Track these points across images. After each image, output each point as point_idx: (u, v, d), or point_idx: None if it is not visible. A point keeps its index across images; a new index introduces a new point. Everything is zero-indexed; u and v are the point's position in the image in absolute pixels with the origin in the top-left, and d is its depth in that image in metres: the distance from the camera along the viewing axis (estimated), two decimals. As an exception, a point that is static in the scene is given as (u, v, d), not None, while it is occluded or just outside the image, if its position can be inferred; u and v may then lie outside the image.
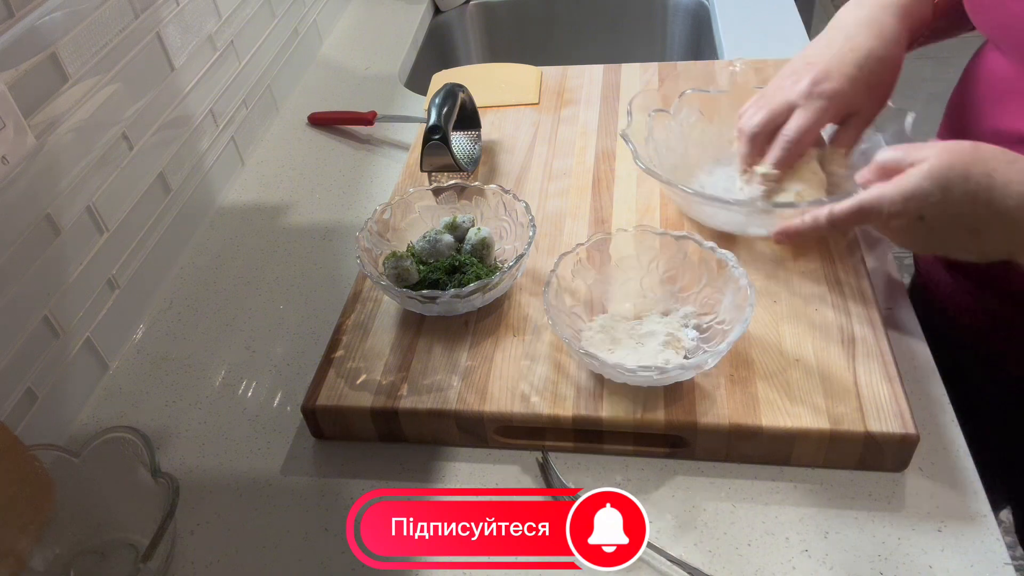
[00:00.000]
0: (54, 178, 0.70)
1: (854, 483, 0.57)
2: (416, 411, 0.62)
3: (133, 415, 0.71)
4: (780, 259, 0.70)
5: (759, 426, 0.57)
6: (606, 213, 0.79)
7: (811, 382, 0.60)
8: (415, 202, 0.77)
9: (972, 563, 0.52)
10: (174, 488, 0.55)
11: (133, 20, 0.80)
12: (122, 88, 0.78)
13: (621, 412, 0.59)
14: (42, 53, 0.68)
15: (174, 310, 0.82)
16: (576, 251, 0.67)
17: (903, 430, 0.56)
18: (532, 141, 0.92)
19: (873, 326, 0.63)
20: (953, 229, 0.57)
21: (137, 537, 0.60)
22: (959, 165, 0.55)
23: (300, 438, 0.67)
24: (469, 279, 0.68)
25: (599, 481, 0.60)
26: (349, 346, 0.68)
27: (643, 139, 0.77)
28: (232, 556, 0.59)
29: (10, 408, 0.64)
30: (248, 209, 0.95)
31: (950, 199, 0.55)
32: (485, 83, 1.02)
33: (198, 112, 0.92)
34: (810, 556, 0.54)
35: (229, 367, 0.75)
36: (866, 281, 0.67)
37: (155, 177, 0.84)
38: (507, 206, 0.74)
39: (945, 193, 0.55)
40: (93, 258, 0.74)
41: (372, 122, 1.04)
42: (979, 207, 0.54)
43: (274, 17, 1.10)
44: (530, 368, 0.64)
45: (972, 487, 0.56)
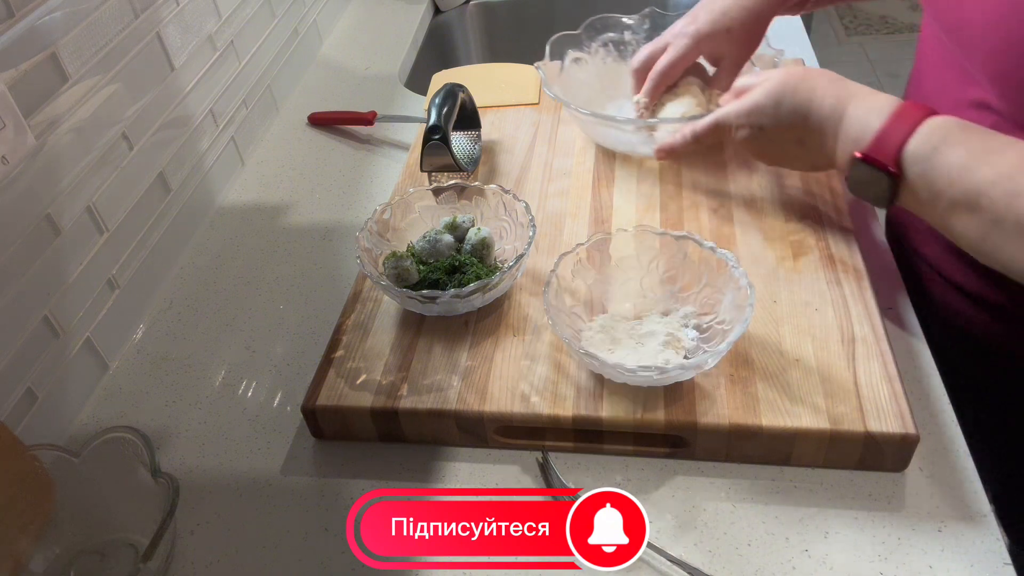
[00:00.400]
0: (54, 178, 0.70)
1: (854, 483, 0.57)
2: (416, 411, 0.62)
3: (133, 415, 0.71)
4: (780, 259, 0.70)
5: (759, 426, 0.57)
6: (606, 213, 0.79)
7: (811, 382, 0.60)
8: (415, 202, 0.77)
9: (972, 563, 0.52)
10: (174, 488, 0.55)
11: (133, 20, 0.80)
12: (122, 88, 0.78)
13: (621, 412, 0.59)
14: (42, 53, 0.68)
15: (174, 310, 0.82)
16: (576, 251, 0.67)
17: (903, 430, 0.56)
18: (532, 141, 0.92)
19: (873, 326, 0.63)
20: (785, 140, 0.68)
21: (137, 537, 0.60)
22: (791, 83, 0.66)
23: (300, 438, 0.67)
24: (469, 279, 0.68)
25: (599, 481, 0.60)
26: (349, 346, 0.68)
27: (557, 73, 0.90)
28: (232, 556, 0.59)
29: (10, 408, 0.64)
30: (248, 209, 0.95)
31: (781, 112, 0.66)
32: (485, 83, 1.02)
33: (198, 112, 0.92)
34: (810, 556, 0.54)
35: (229, 367, 0.75)
36: (866, 281, 0.67)
37: (155, 177, 0.84)
38: (507, 206, 0.74)
39: (777, 107, 0.66)
40: (93, 258, 0.74)
41: (372, 122, 1.04)
42: (801, 119, 0.65)
43: (274, 17, 1.10)
44: (530, 368, 0.64)
45: (972, 487, 0.56)
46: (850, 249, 0.70)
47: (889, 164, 0.59)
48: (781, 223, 0.74)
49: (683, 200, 0.79)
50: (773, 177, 0.80)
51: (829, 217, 0.74)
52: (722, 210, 0.77)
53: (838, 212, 0.75)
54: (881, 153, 0.59)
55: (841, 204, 0.75)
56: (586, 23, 0.93)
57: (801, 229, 0.73)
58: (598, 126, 0.84)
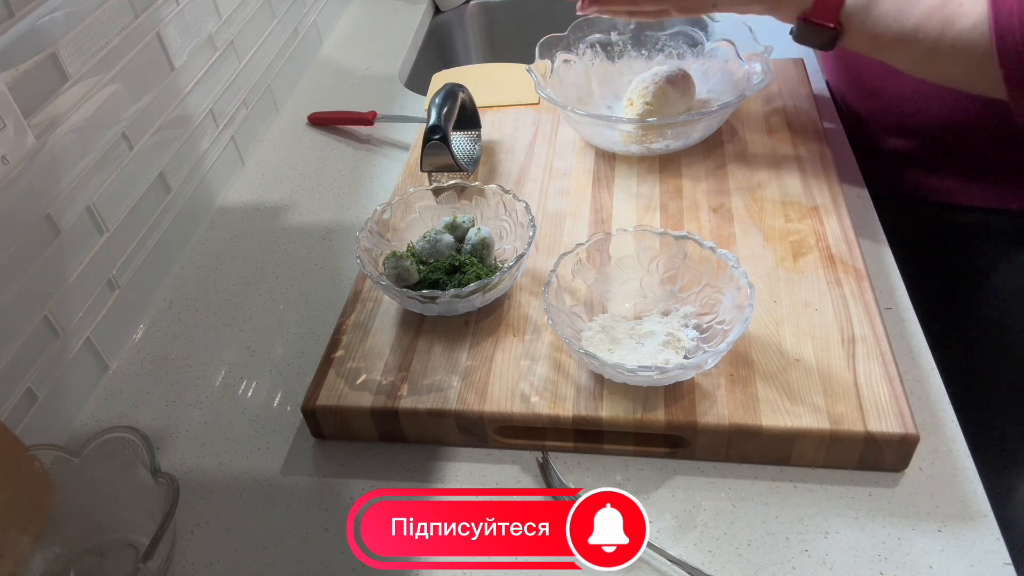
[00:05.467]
0: (54, 178, 0.70)
1: (854, 483, 0.57)
2: (416, 411, 0.62)
3: (133, 415, 0.71)
4: (780, 259, 0.70)
5: (759, 426, 0.57)
6: (606, 213, 0.79)
7: (811, 382, 0.60)
8: (415, 202, 0.77)
9: (972, 563, 0.52)
10: (174, 488, 0.55)
11: (133, 20, 0.80)
12: (122, 88, 0.78)
13: (621, 412, 0.59)
14: (42, 53, 0.68)
15: (174, 310, 0.82)
16: (576, 251, 0.67)
17: (903, 430, 0.56)
18: (532, 141, 0.92)
19: (873, 326, 0.63)
20: None
21: (137, 537, 0.60)
22: None
23: (300, 438, 0.67)
24: (469, 279, 0.68)
25: (599, 481, 0.60)
26: (349, 346, 0.68)
27: (548, 75, 0.91)
28: (232, 556, 0.59)
29: (10, 408, 0.64)
30: (248, 209, 0.95)
31: None
32: (485, 83, 1.02)
33: (198, 112, 0.92)
34: (810, 556, 0.54)
35: (229, 367, 0.75)
36: (866, 281, 0.67)
37: (155, 177, 0.84)
38: (507, 206, 0.74)
39: None
40: (93, 258, 0.74)
41: (372, 122, 1.04)
42: None
43: (274, 17, 1.10)
44: (530, 368, 0.64)
45: (972, 487, 0.56)
46: (850, 249, 0.70)
47: (830, 22, 0.67)
48: (781, 223, 0.74)
49: (683, 200, 0.79)
50: (773, 177, 0.80)
51: (829, 217, 0.74)
52: (722, 210, 0.77)
53: (838, 212, 0.75)
54: (822, 15, 0.67)
55: (841, 204, 0.75)
56: (573, 24, 0.94)
57: (801, 229, 0.73)
58: (591, 126, 0.85)
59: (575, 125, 0.88)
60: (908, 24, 0.63)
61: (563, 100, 0.86)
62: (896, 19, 0.64)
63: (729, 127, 0.88)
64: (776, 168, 0.81)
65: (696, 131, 0.83)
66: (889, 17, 0.65)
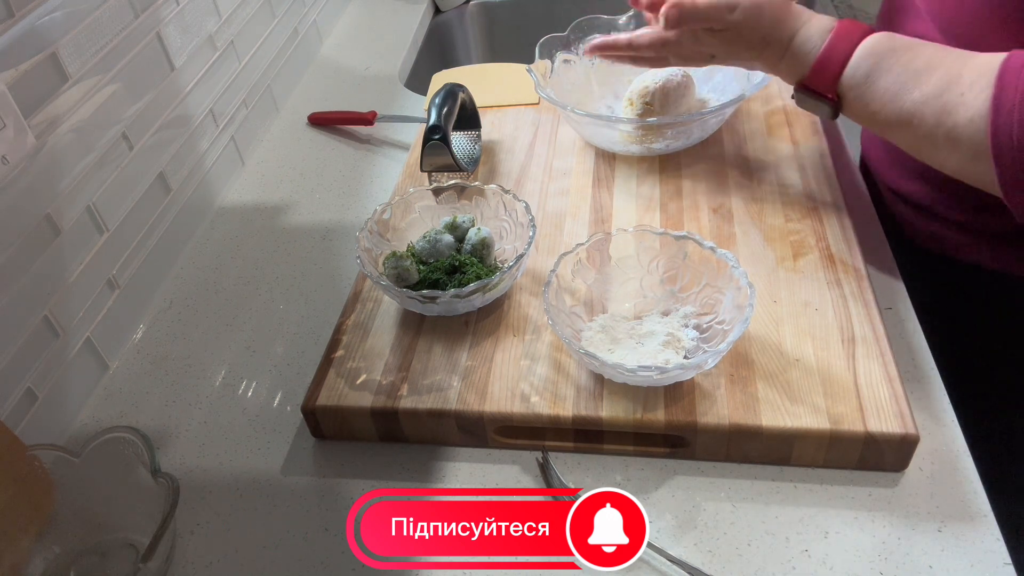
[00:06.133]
0: (54, 178, 0.70)
1: (854, 483, 0.57)
2: (416, 411, 0.62)
3: (133, 415, 0.71)
4: (780, 259, 0.70)
5: (759, 426, 0.57)
6: (606, 213, 0.79)
7: (811, 382, 0.60)
8: (415, 202, 0.77)
9: (972, 563, 0.52)
10: (174, 488, 0.55)
11: (133, 20, 0.80)
12: (122, 88, 0.78)
13: (621, 412, 0.59)
14: (42, 53, 0.68)
15: (174, 310, 0.82)
16: (576, 251, 0.67)
17: (903, 430, 0.56)
18: (532, 141, 0.92)
19: (873, 326, 0.63)
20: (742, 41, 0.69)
21: (137, 537, 0.60)
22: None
23: (300, 438, 0.67)
24: (469, 279, 0.68)
25: (599, 481, 0.60)
26: (349, 346, 0.68)
27: (548, 75, 0.91)
28: (232, 556, 0.59)
29: (10, 408, 0.64)
30: (248, 209, 0.95)
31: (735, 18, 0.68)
32: (485, 83, 1.02)
33: (198, 112, 0.92)
34: (810, 556, 0.53)
35: (229, 367, 0.75)
36: (866, 281, 0.67)
37: (155, 177, 0.84)
38: (507, 206, 0.74)
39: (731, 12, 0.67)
40: (93, 258, 0.74)
41: (372, 122, 1.04)
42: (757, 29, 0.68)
43: (274, 17, 1.10)
44: (530, 368, 0.64)
45: (972, 487, 0.56)
46: (850, 249, 0.70)
47: (827, 92, 0.65)
48: (781, 223, 0.74)
49: (683, 200, 0.79)
50: (773, 177, 0.80)
51: (829, 217, 0.74)
52: (722, 210, 0.77)
53: (838, 212, 0.75)
54: (819, 84, 0.65)
55: (841, 204, 0.75)
56: (573, 24, 0.94)
57: (801, 229, 0.73)
58: (591, 126, 0.85)
59: (575, 125, 0.88)
60: (905, 106, 0.60)
61: (563, 100, 0.86)
62: (893, 100, 0.60)
63: (729, 127, 0.88)
64: (776, 168, 0.81)
65: (696, 131, 0.83)
66: (887, 95, 0.61)
